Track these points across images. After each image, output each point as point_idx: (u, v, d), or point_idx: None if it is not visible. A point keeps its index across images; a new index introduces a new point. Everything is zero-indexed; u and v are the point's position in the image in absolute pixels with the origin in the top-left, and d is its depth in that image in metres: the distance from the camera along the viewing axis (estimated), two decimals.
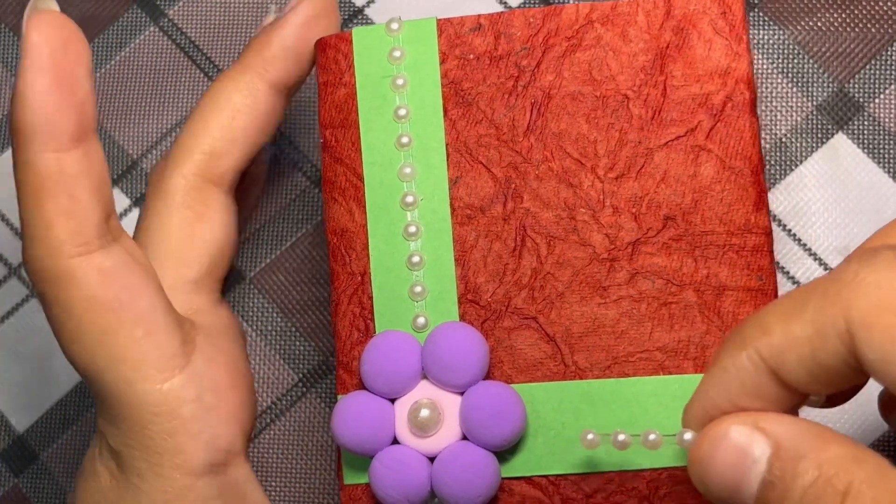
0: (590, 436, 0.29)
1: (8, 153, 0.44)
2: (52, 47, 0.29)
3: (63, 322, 0.31)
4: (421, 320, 0.32)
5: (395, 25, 0.34)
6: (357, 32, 0.34)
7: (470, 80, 0.33)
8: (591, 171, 0.33)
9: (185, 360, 0.32)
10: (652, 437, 0.28)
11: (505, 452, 0.32)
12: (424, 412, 0.31)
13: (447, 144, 0.33)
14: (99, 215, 0.31)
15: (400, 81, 0.33)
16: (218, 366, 0.34)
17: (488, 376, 0.32)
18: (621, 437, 0.28)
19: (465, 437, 0.31)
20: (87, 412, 0.42)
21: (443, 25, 0.34)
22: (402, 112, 0.33)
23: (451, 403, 0.31)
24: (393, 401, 0.32)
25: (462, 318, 0.32)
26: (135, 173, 0.44)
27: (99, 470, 0.33)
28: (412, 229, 0.33)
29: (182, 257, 0.35)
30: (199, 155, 0.35)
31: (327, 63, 0.34)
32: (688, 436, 0.27)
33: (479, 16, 0.34)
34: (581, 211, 0.32)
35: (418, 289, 0.32)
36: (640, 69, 0.33)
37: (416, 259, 0.33)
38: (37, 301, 0.43)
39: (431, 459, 0.31)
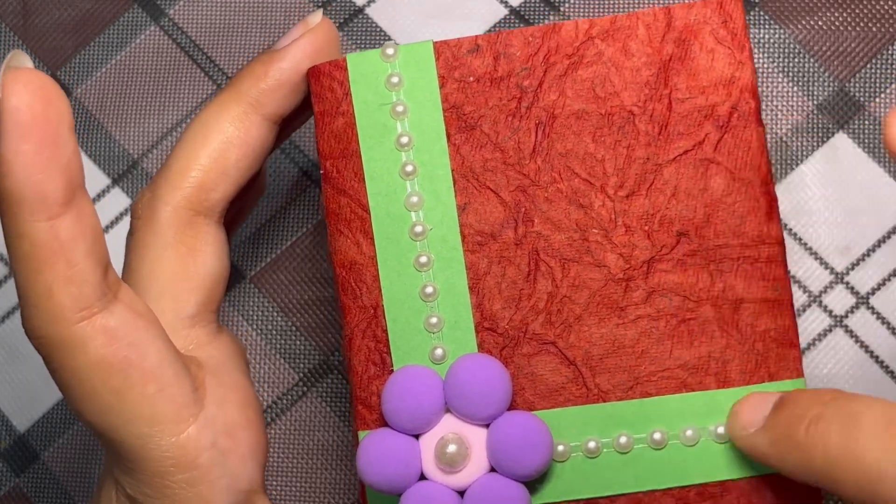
0: (560, 447, 0.31)
1: None
2: (32, 110, 0.27)
3: (71, 386, 0.30)
4: (439, 352, 0.32)
5: (390, 51, 0.33)
6: (352, 59, 0.33)
7: (471, 104, 0.33)
8: (600, 190, 0.32)
9: (199, 408, 0.32)
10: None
11: (534, 481, 0.31)
12: (452, 447, 0.31)
13: (453, 171, 0.33)
14: (98, 274, 0.29)
15: (400, 108, 0.33)
16: (230, 404, 0.33)
17: (511, 405, 0.32)
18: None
19: (493, 469, 0.31)
20: None
21: (440, 48, 0.33)
22: (405, 140, 0.33)
23: (476, 436, 0.31)
24: (417, 436, 0.31)
25: (480, 346, 0.32)
26: (135, 173, 0.43)
27: None
28: (423, 259, 0.32)
29: (177, 293, 0.34)
30: (188, 188, 0.34)
31: (322, 91, 0.33)
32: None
33: (476, 37, 0.33)
34: (593, 231, 0.32)
35: (434, 320, 0.32)
36: (644, 84, 0.32)
37: (429, 290, 0.32)
38: None
39: (461, 494, 0.31)
